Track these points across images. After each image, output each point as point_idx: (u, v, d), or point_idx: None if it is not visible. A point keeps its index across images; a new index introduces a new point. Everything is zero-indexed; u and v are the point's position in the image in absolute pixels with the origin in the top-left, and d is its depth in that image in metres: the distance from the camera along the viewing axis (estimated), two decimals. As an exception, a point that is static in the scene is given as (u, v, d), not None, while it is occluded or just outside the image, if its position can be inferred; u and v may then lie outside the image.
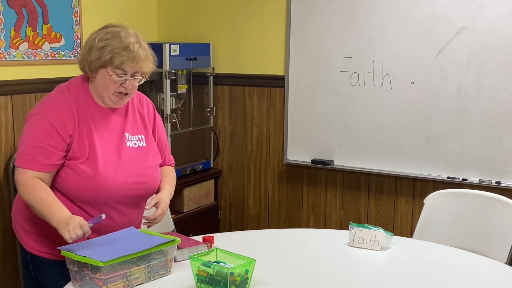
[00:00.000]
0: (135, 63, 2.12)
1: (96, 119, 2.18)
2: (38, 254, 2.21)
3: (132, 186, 2.20)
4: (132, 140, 2.24)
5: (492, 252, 2.58)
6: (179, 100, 4.02)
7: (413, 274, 2.18)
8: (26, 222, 2.22)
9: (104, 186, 2.13)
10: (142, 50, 2.15)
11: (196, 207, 4.14)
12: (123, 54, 2.10)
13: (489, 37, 3.37)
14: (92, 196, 2.12)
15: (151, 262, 2.01)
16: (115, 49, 2.10)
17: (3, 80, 3.33)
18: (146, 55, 2.17)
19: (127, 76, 2.13)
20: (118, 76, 2.12)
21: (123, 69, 2.12)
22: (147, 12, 4.34)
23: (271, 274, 2.11)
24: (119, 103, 2.20)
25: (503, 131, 3.41)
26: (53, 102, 2.16)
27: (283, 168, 4.15)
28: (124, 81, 2.13)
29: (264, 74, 4.10)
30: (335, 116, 3.83)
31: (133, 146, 2.23)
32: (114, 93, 2.15)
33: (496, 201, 2.72)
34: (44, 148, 2.08)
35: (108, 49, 2.10)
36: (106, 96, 2.16)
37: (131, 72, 2.14)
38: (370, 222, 3.85)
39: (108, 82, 2.13)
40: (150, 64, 2.20)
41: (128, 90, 2.16)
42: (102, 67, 2.12)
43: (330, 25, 3.77)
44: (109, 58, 2.10)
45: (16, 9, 3.36)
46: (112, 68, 2.11)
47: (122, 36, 2.13)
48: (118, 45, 2.10)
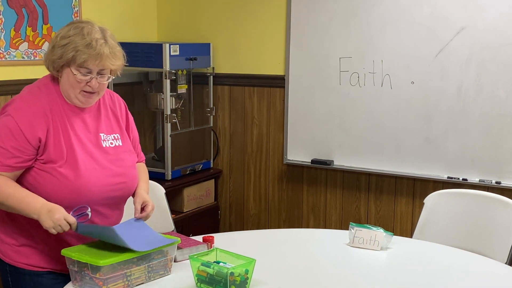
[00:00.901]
0: (98, 60, 2.01)
1: (71, 119, 2.09)
2: (18, 266, 2.13)
3: (113, 187, 2.13)
4: (108, 140, 2.17)
5: (492, 252, 2.58)
6: (179, 100, 4.01)
7: (413, 274, 2.18)
8: (4, 233, 2.14)
9: (85, 189, 2.04)
10: (107, 46, 2.02)
11: (196, 207, 4.14)
12: (85, 52, 1.99)
13: (489, 37, 3.37)
14: (73, 200, 2.04)
15: (151, 262, 2.01)
16: (78, 47, 1.99)
17: (3, 80, 3.33)
18: (111, 51, 2.04)
19: (93, 75, 2.03)
20: (82, 75, 2.02)
21: (87, 67, 2.01)
22: (147, 12, 4.34)
23: (271, 274, 2.11)
24: (87, 103, 2.10)
25: (503, 131, 3.41)
26: (23, 102, 2.06)
27: (283, 168, 4.14)
28: (90, 80, 2.03)
29: (264, 74, 4.10)
30: (335, 116, 3.83)
31: (109, 145, 2.16)
32: (80, 92, 2.05)
33: (496, 201, 2.72)
34: (5, 149, 1.99)
35: (71, 47, 1.99)
36: (73, 95, 2.06)
37: (96, 70, 2.03)
38: (370, 222, 3.85)
39: (72, 81, 2.03)
40: (117, 61, 2.07)
41: (95, 89, 2.06)
42: (66, 66, 2.02)
43: (330, 25, 3.77)
44: (71, 56, 1.99)
45: (16, 9, 3.36)
46: (76, 67, 2.01)
47: (85, 32, 2.01)
48: (80, 42, 1.99)
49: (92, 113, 2.17)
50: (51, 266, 2.14)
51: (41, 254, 2.13)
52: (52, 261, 2.13)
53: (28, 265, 2.13)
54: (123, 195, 2.21)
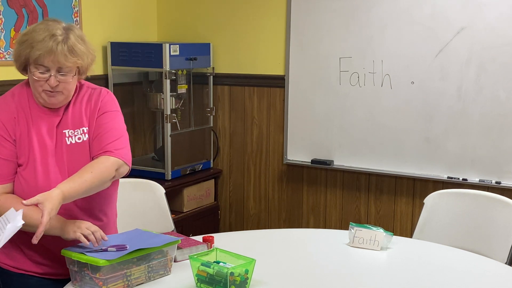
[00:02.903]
0: (52, 56, 1.91)
1: (36, 120, 2.03)
2: (6, 268, 2.12)
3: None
4: (76, 135, 2.05)
5: (492, 252, 2.58)
6: (179, 100, 4.01)
7: (413, 274, 2.18)
8: None
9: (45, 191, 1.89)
10: (63, 43, 1.92)
11: (196, 207, 4.14)
12: (38, 48, 1.91)
13: (489, 37, 3.37)
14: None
15: (151, 262, 2.01)
16: (33, 43, 1.92)
17: (3, 80, 3.33)
18: (69, 48, 1.93)
19: (52, 73, 1.94)
20: (40, 72, 1.94)
21: (43, 65, 1.93)
22: (147, 12, 4.34)
23: (271, 274, 2.11)
24: (51, 102, 2.01)
25: (503, 131, 3.41)
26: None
27: (283, 168, 4.14)
28: (48, 78, 1.94)
29: (264, 74, 4.10)
30: (335, 116, 3.83)
31: (77, 141, 2.05)
32: (42, 91, 1.97)
33: (496, 201, 2.71)
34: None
35: (28, 43, 1.93)
36: (37, 95, 2.00)
37: (55, 68, 1.94)
38: (370, 222, 3.84)
39: (32, 80, 1.97)
40: (76, 59, 1.95)
41: (54, 88, 1.96)
42: (28, 65, 1.96)
43: (330, 25, 3.77)
44: (28, 52, 1.93)
45: (16, 9, 3.37)
46: (34, 64, 1.94)
47: (42, 27, 1.94)
48: (36, 37, 1.92)
49: (60, 111, 2.07)
50: (36, 270, 2.12)
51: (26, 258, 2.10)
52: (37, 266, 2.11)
53: (15, 268, 2.11)
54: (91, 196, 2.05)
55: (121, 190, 2.28)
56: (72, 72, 1.98)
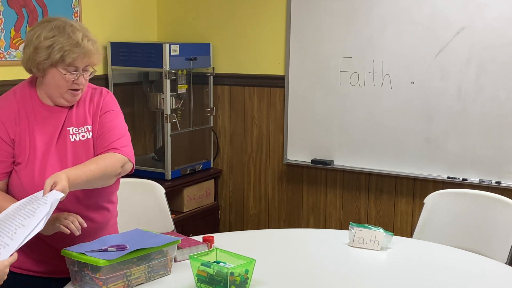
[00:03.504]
0: (86, 58, 2.00)
1: (39, 120, 2.05)
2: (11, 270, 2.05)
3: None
4: (80, 133, 2.09)
5: (492, 252, 2.58)
6: (179, 100, 4.01)
7: (413, 274, 2.18)
8: None
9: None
10: (91, 43, 2.02)
11: (196, 207, 4.14)
12: (74, 51, 1.97)
13: (489, 37, 3.37)
14: None
15: (151, 262, 2.01)
16: (65, 47, 1.97)
17: (3, 80, 3.33)
18: (95, 47, 2.04)
19: (79, 72, 2.02)
20: (70, 73, 2.00)
21: (74, 66, 2.00)
22: (147, 12, 4.34)
23: (271, 274, 2.11)
24: (73, 101, 2.07)
25: (503, 131, 3.41)
26: None
27: (283, 168, 4.14)
28: (77, 77, 2.02)
29: (264, 74, 4.10)
30: (335, 116, 3.83)
31: (80, 139, 2.08)
32: (67, 91, 2.03)
33: (496, 201, 2.72)
34: None
35: (57, 48, 1.96)
36: (58, 95, 2.04)
37: (82, 67, 2.02)
38: (370, 222, 3.85)
39: (59, 81, 2.01)
40: (100, 55, 2.07)
41: (81, 86, 2.05)
42: (52, 66, 1.99)
43: (330, 25, 3.77)
44: (59, 56, 1.97)
45: (16, 9, 3.37)
46: (64, 66, 1.99)
47: (69, 31, 1.99)
48: (67, 42, 1.97)
49: (65, 110, 2.10)
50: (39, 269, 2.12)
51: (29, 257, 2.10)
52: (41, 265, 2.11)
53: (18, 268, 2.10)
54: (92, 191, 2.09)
55: (121, 190, 2.28)
56: (90, 68, 2.06)
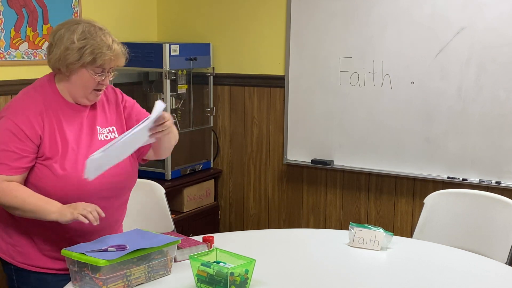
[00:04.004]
0: (115, 60, 2.12)
1: (66, 116, 2.13)
2: (21, 267, 2.15)
3: (109, 179, 2.14)
4: (104, 133, 2.19)
5: (492, 252, 2.58)
6: (179, 100, 4.01)
7: (413, 274, 2.19)
8: (9, 235, 2.15)
9: (80, 184, 2.06)
10: (119, 46, 2.14)
11: (196, 207, 4.14)
12: (106, 54, 2.08)
13: (489, 37, 3.37)
14: (69, 195, 2.06)
15: (151, 262, 2.01)
16: (96, 49, 2.07)
17: (3, 80, 3.33)
18: (123, 50, 2.16)
19: (105, 73, 2.13)
20: (99, 75, 2.10)
21: (103, 67, 2.10)
22: (147, 12, 4.34)
23: (271, 274, 2.11)
24: (95, 100, 2.18)
25: (503, 131, 3.41)
26: (19, 104, 2.10)
27: (283, 168, 4.14)
28: (104, 79, 2.13)
29: (264, 74, 4.10)
30: (335, 116, 3.83)
31: (104, 139, 2.18)
32: (92, 91, 2.13)
33: (496, 201, 2.72)
34: (12, 151, 2.02)
35: (89, 50, 2.06)
36: (82, 94, 2.13)
37: (108, 69, 2.13)
38: (370, 222, 3.85)
39: (87, 81, 2.10)
40: (124, 58, 2.18)
41: (105, 86, 2.17)
42: (81, 67, 2.08)
43: (330, 25, 3.77)
44: (91, 59, 2.07)
45: (16, 9, 3.37)
46: (93, 68, 2.09)
47: (100, 34, 2.10)
48: (99, 44, 2.08)
49: (89, 108, 2.19)
50: (52, 266, 2.14)
51: (42, 254, 2.13)
52: (53, 261, 2.14)
53: (31, 266, 2.14)
54: (119, 187, 2.22)
55: (121, 190, 2.28)
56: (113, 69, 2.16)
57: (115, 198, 2.22)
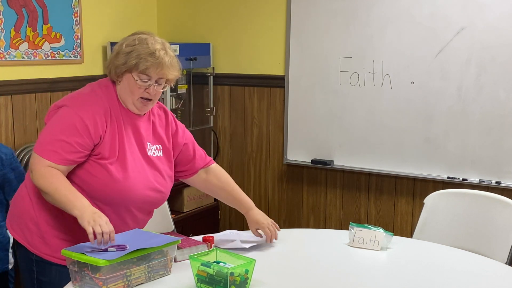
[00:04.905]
0: (159, 69, 2.14)
1: (125, 122, 2.19)
2: (43, 257, 2.16)
3: (151, 194, 2.22)
4: (152, 149, 2.26)
5: (492, 252, 2.58)
6: (179, 100, 4.02)
7: (413, 274, 2.18)
8: (37, 225, 2.16)
9: (130, 190, 2.14)
10: (167, 57, 2.16)
11: (196, 207, 4.14)
12: (148, 60, 2.12)
13: (489, 37, 3.37)
14: (117, 198, 2.12)
15: (151, 262, 2.01)
16: (141, 55, 2.12)
17: (3, 80, 3.33)
18: (171, 62, 2.17)
19: (151, 82, 2.15)
20: (142, 81, 2.13)
21: (148, 75, 2.13)
22: (147, 12, 4.35)
23: (271, 274, 2.11)
24: (142, 109, 2.22)
25: (503, 131, 3.41)
26: (86, 99, 2.15)
27: (283, 168, 4.15)
28: (148, 87, 2.15)
29: (264, 74, 4.10)
30: (335, 116, 3.83)
31: (152, 155, 2.26)
32: (138, 98, 2.17)
33: (496, 201, 2.71)
34: (70, 144, 2.06)
35: (134, 55, 2.13)
36: (130, 101, 2.18)
37: (155, 78, 2.15)
38: (370, 222, 3.85)
39: (132, 87, 2.15)
40: (175, 72, 2.20)
41: (152, 96, 2.18)
42: (127, 72, 2.14)
43: (330, 25, 3.78)
44: (134, 63, 2.12)
45: (16, 9, 3.37)
46: (137, 73, 2.13)
47: (149, 42, 2.16)
48: (144, 51, 2.13)
49: (143, 121, 2.26)
50: None
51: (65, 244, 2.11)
52: None
53: (54, 258, 2.15)
54: (157, 202, 2.31)
55: (121, 190, 2.28)
56: (164, 82, 2.18)
57: (146, 210, 2.29)
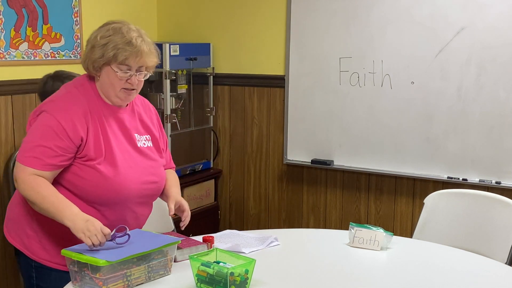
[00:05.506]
0: (139, 57, 2.09)
1: (108, 118, 2.15)
2: (43, 263, 2.15)
3: (147, 186, 2.20)
4: (142, 140, 2.24)
5: (492, 252, 2.58)
6: (179, 100, 4.02)
7: (413, 274, 2.18)
8: (34, 231, 2.15)
9: (123, 187, 2.11)
10: (145, 44, 2.11)
11: (196, 207, 4.14)
12: (126, 49, 2.07)
13: (489, 37, 3.37)
14: (111, 197, 2.10)
15: (151, 262, 2.01)
16: (118, 45, 2.07)
17: (3, 80, 3.33)
18: (149, 49, 2.13)
19: (132, 72, 2.10)
20: (123, 72, 2.09)
21: (127, 65, 2.09)
22: (147, 12, 4.34)
23: (271, 274, 2.11)
24: (127, 99, 2.18)
25: (503, 131, 3.41)
26: (63, 101, 2.11)
27: (283, 168, 4.14)
28: (130, 77, 2.10)
29: (264, 74, 4.10)
30: (335, 116, 3.83)
31: (143, 146, 2.23)
32: (121, 90, 2.12)
33: (496, 201, 2.72)
34: (50, 148, 2.03)
35: (111, 46, 2.07)
36: (113, 94, 2.13)
37: (135, 67, 2.11)
38: (370, 222, 3.85)
39: (113, 79, 2.10)
40: (154, 58, 2.16)
41: (135, 86, 2.14)
42: (106, 65, 2.09)
43: (330, 25, 3.78)
44: (112, 54, 2.07)
45: (16, 9, 3.36)
46: (117, 65, 2.08)
47: (124, 31, 2.10)
48: (120, 40, 2.08)
49: (127, 114, 2.22)
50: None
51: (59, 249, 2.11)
52: None
53: (54, 263, 2.14)
54: (154, 194, 2.29)
55: (121, 190, 2.28)
56: (144, 70, 2.15)
57: (146, 204, 2.27)
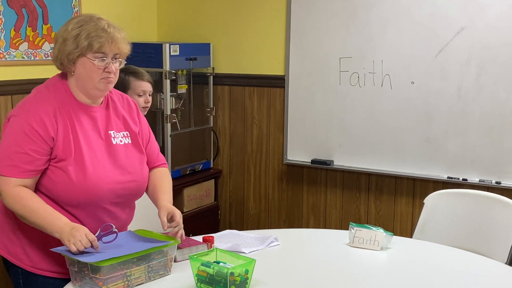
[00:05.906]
0: (113, 43, 2.05)
1: (80, 117, 2.08)
2: (29, 270, 2.12)
3: (123, 185, 2.12)
4: (118, 137, 2.16)
5: (492, 252, 2.58)
6: (179, 100, 4.01)
7: (413, 274, 2.18)
8: (18, 237, 2.12)
9: (93, 188, 2.04)
10: (117, 31, 2.08)
11: (196, 207, 4.14)
12: (101, 36, 2.02)
13: (489, 37, 3.37)
14: (83, 199, 2.04)
15: (151, 262, 2.01)
16: (91, 33, 2.02)
17: (3, 80, 3.33)
18: (122, 36, 2.09)
19: (108, 59, 2.06)
20: (100, 60, 2.04)
21: (103, 52, 2.04)
22: (147, 12, 4.34)
23: (271, 274, 2.11)
24: (106, 89, 2.11)
25: (503, 131, 3.41)
26: (32, 103, 2.05)
27: (283, 168, 4.14)
28: (107, 65, 2.05)
29: (264, 74, 4.10)
30: (335, 116, 3.83)
31: (119, 143, 2.16)
32: (99, 80, 2.06)
33: (496, 201, 2.72)
34: (26, 154, 1.97)
35: (84, 35, 2.02)
36: (92, 86, 2.07)
37: (111, 55, 2.06)
38: (370, 222, 3.85)
39: (90, 70, 2.04)
40: (127, 45, 2.13)
41: (112, 74, 2.08)
42: (81, 56, 2.03)
43: (330, 25, 3.77)
44: (87, 43, 2.01)
45: (16, 9, 3.37)
46: (92, 54, 2.03)
47: (95, 19, 2.07)
48: (93, 28, 2.03)
49: (101, 111, 2.16)
50: (58, 270, 2.11)
51: (51, 259, 2.10)
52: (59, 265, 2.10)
53: (39, 269, 2.11)
54: (133, 193, 2.20)
55: (121, 190, 2.28)
56: (120, 59, 2.11)
57: (125, 204, 2.20)
